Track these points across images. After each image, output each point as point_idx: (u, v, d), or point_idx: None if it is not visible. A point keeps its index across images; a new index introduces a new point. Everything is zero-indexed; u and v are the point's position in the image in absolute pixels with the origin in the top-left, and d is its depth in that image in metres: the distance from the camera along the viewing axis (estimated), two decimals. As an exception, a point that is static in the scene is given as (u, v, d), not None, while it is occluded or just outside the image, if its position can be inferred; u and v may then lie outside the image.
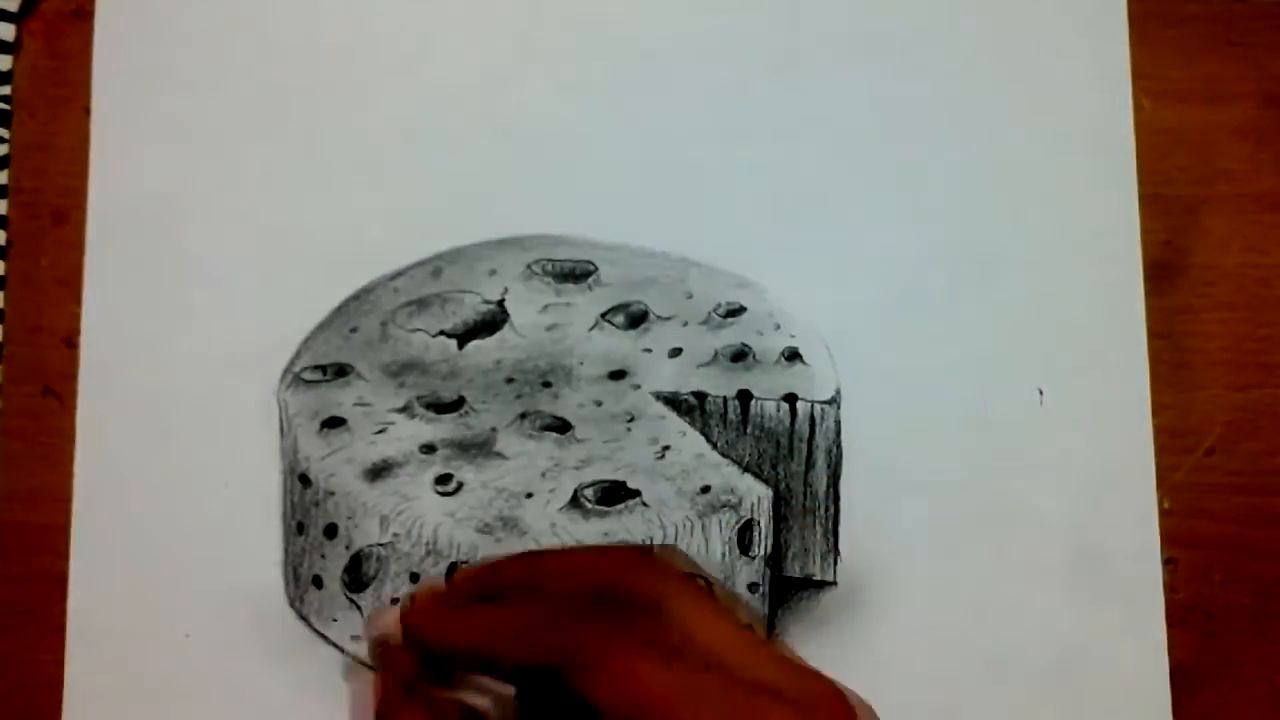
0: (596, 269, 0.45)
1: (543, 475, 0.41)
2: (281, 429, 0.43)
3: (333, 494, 0.41)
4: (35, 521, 0.43)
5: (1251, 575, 0.43)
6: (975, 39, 0.46)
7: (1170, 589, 0.42)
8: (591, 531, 0.40)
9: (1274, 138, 0.46)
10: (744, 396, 0.43)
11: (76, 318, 0.44)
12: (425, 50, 0.46)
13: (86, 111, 0.45)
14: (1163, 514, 0.43)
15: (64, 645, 0.42)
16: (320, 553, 0.41)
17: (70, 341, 0.44)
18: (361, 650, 0.41)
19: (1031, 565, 0.43)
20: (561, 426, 0.42)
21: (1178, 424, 0.44)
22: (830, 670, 0.42)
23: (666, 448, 0.42)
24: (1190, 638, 0.42)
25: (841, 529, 0.43)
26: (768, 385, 0.43)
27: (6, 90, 0.45)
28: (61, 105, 0.45)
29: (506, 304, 0.44)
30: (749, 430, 0.43)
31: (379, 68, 0.46)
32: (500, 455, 0.42)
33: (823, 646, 0.42)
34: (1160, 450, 0.43)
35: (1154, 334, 0.44)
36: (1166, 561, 0.43)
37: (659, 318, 0.44)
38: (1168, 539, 0.43)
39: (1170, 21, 0.46)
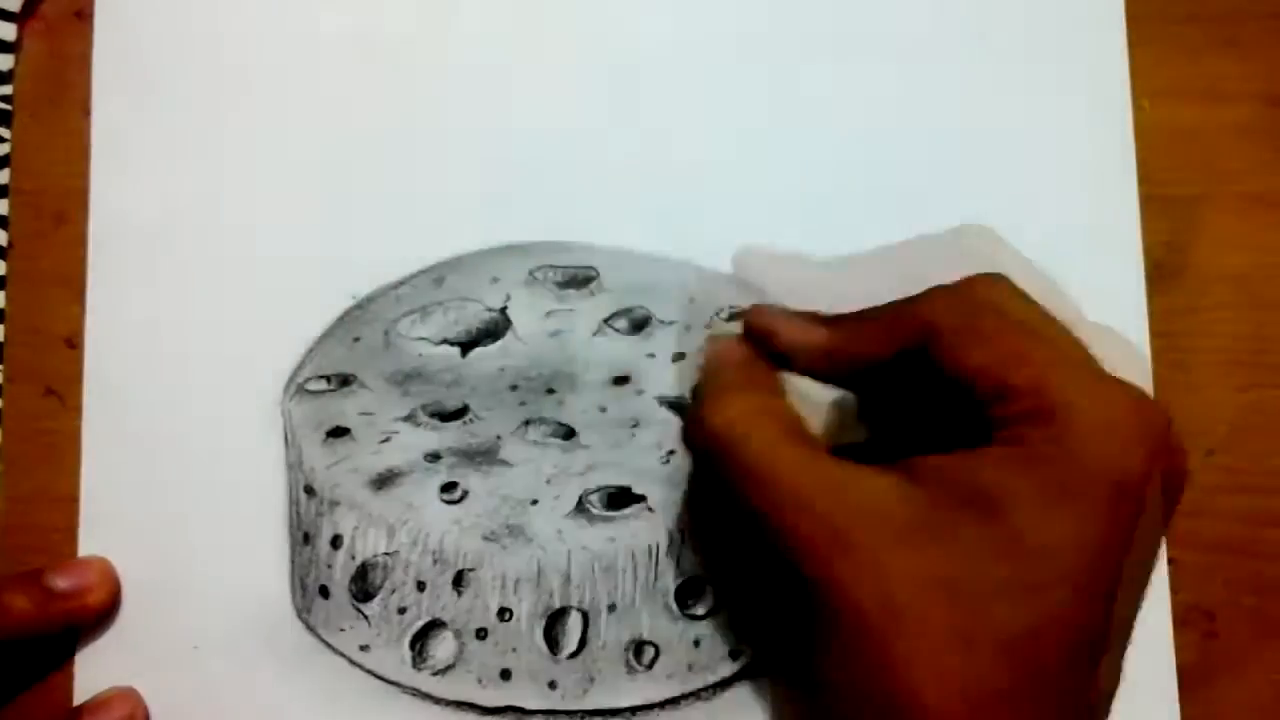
0: (598, 274, 0.45)
1: (548, 482, 0.42)
2: (286, 440, 0.43)
3: (338, 504, 0.41)
4: (38, 522, 0.43)
5: (1254, 576, 0.43)
6: (975, 40, 0.46)
7: (1171, 590, 0.43)
8: (598, 537, 0.40)
9: (1276, 137, 0.46)
10: (747, 400, 0.43)
11: (77, 318, 0.44)
12: (426, 57, 0.46)
13: (87, 113, 0.45)
14: (1164, 514, 0.43)
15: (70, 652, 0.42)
16: (327, 563, 0.41)
17: (71, 342, 0.44)
18: (369, 660, 0.41)
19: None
20: (566, 433, 0.43)
21: (1178, 424, 0.41)
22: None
23: (671, 452, 0.42)
24: (1192, 639, 0.42)
25: (845, 530, 0.43)
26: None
27: (7, 90, 0.45)
28: (62, 106, 0.45)
29: (509, 311, 0.44)
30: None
31: (381, 75, 0.45)
32: (505, 463, 0.42)
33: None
34: (1161, 451, 0.43)
35: (1154, 334, 0.44)
36: (1168, 562, 0.43)
37: (662, 322, 0.44)
38: (1169, 540, 0.43)
39: (1170, 21, 0.46)
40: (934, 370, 0.34)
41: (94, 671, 0.42)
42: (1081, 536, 0.31)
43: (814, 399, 0.39)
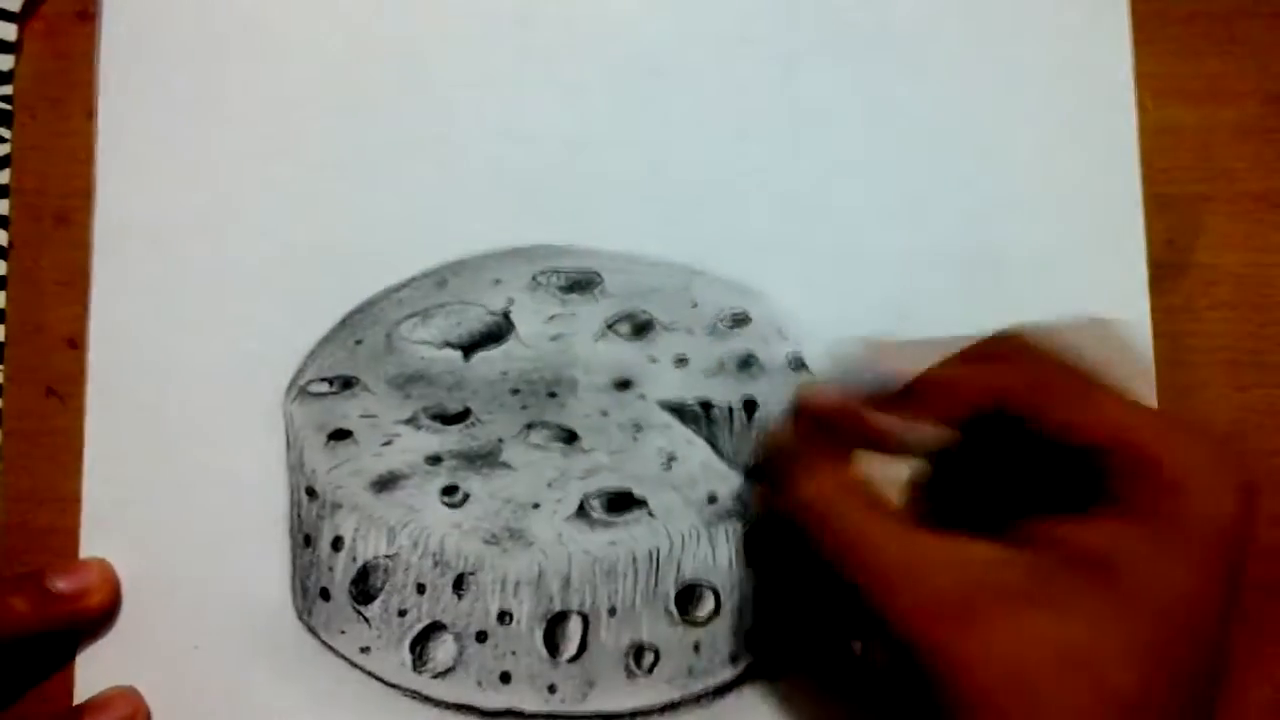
0: (601, 279, 0.45)
1: (549, 485, 0.42)
2: (288, 442, 0.43)
3: (340, 506, 0.41)
4: (39, 523, 0.43)
5: (1254, 576, 0.42)
6: (976, 39, 0.46)
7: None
8: (598, 541, 0.40)
9: (1275, 136, 0.46)
10: (750, 405, 0.43)
11: (78, 319, 0.44)
12: (429, 60, 0.45)
13: (89, 114, 0.45)
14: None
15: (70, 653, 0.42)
16: (328, 565, 0.41)
17: (73, 342, 0.44)
18: (369, 663, 0.41)
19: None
20: (568, 437, 0.42)
21: None
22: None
23: (673, 457, 0.42)
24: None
25: (847, 535, 0.43)
26: (774, 393, 0.43)
27: (8, 91, 0.45)
28: (64, 106, 0.45)
29: (512, 315, 0.44)
30: (755, 438, 0.43)
31: (383, 78, 0.45)
32: (506, 466, 0.42)
33: (829, 655, 0.43)
34: (1161, 449, 0.43)
35: (1155, 333, 0.44)
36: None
37: (664, 327, 0.44)
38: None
39: (1172, 20, 0.46)
40: (1001, 430, 0.35)
41: (94, 671, 0.42)
42: (1196, 591, 0.32)
43: (880, 474, 0.39)
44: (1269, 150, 0.46)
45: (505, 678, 0.41)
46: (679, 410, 0.43)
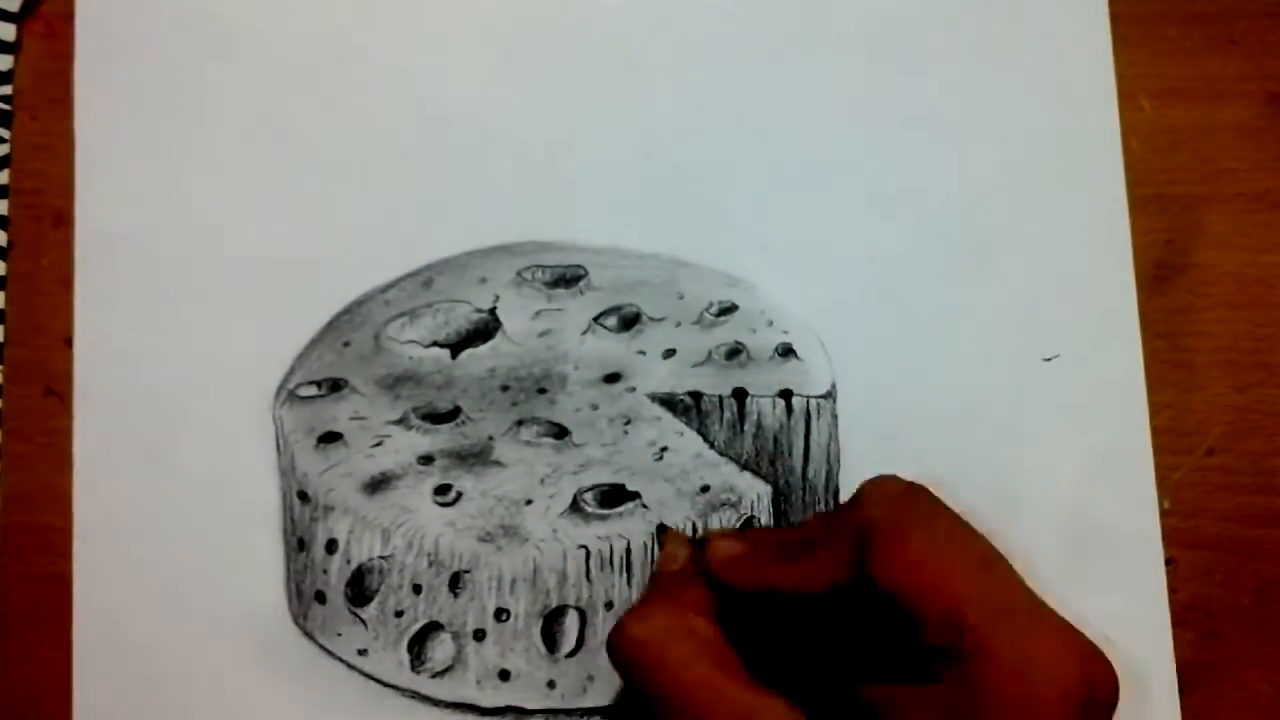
0: (587, 273, 0.44)
1: (541, 481, 0.42)
2: (278, 446, 0.43)
3: (332, 509, 0.41)
4: (39, 522, 0.43)
5: (1252, 575, 0.43)
6: (960, 36, 0.46)
7: (1170, 589, 0.42)
8: (593, 535, 0.40)
9: (1275, 136, 0.45)
10: (739, 394, 0.43)
11: (78, 318, 0.44)
12: (409, 60, 0.45)
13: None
14: (1163, 514, 0.43)
15: (69, 649, 0.42)
16: (322, 568, 0.42)
17: (71, 342, 0.44)
18: (367, 664, 0.42)
19: (1032, 553, 0.43)
20: (559, 432, 0.42)
21: (1178, 424, 0.43)
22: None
23: (664, 448, 0.42)
24: (1190, 638, 0.42)
25: (842, 523, 0.43)
26: (763, 382, 0.43)
27: (7, 91, 0.45)
28: (62, 106, 0.45)
29: (498, 312, 0.44)
30: (746, 428, 0.43)
31: (364, 78, 0.45)
32: (498, 463, 0.42)
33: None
34: (1160, 450, 0.43)
35: (1154, 334, 0.44)
36: (1167, 561, 0.43)
37: (651, 319, 0.44)
38: (1168, 539, 0.43)
39: (1171, 20, 0.46)
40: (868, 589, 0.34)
41: (92, 681, 0.42)
42: None
43: None
44: (1267, 150, 0.46)
45: (504, 675, 0.41)
46: (669, 402, 0.43)
